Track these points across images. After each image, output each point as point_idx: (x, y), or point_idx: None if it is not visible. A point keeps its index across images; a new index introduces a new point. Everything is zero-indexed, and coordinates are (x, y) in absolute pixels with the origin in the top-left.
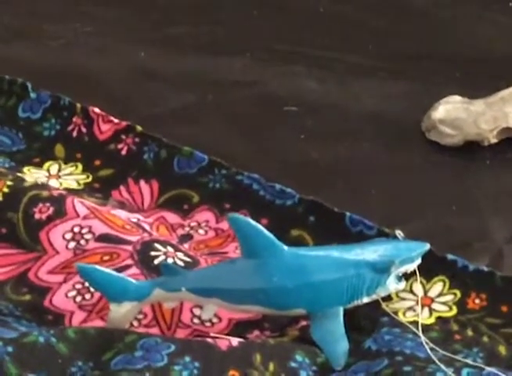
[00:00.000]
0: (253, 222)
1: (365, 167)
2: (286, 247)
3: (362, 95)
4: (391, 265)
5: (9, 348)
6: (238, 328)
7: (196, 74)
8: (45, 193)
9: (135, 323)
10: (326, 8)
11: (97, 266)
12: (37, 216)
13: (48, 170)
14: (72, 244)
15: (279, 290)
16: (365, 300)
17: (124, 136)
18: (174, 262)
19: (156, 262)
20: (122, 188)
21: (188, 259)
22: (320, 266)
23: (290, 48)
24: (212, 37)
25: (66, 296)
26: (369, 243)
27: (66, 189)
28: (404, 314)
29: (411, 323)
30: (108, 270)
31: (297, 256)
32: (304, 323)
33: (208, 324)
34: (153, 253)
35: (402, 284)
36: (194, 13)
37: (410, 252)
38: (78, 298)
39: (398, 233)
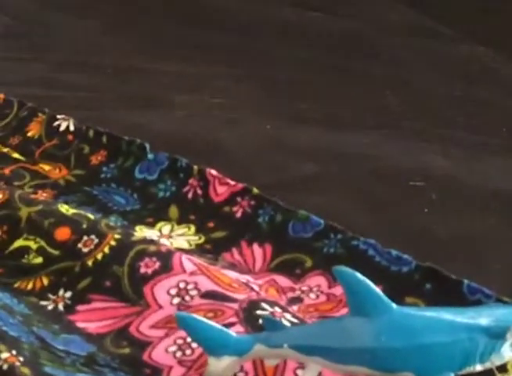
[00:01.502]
0: (361, 277)
1: (491, 242)
2: (395, 306)
3: (491, 172)
4: (507, 331)
5: None
6: None
7: (321, 147)
8: (152, 248)
9: None
10: (461, 90)
11: (197, 316)
12: (142, 270)
13: (159, 230)
14: (176, 300)
15: (387, 350)
16: (479, 368)
17: (239, 199)
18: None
19: (261, 321)
20: (234, 250)
21: (295, 321)
22: (431, 328)
23: (420, 126)
24: (340, 114)
25: (167, 351)
26: (484, 307)
27: (176, 248)
28: None
29: None
30: (208, 321)
31: (406, 316)
32: None
33: None
34: (259, 312)
35: None
36: (321, 88)
37: None
38: (178, 354)
39: None
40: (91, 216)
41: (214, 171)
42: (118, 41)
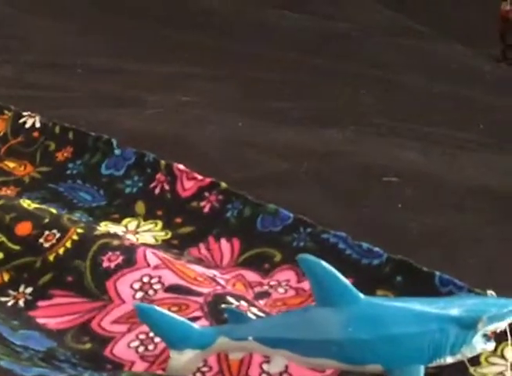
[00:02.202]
0: (327, 265)
1: (465, 238)
2: (363, 296)
3: (467, 168)
4: (478, 322)
5: None
6: None
7: (294, 144)
8: (115, 242)
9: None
10: (439, 88)
11: (157, 307)
12: (105, 264)
13: (126, 226)
14: (140, 294)
15: (354, 342)
16: (449, 359)
17: (207, 193)
18: None
19: (226, 315)
20: (201, 245)
21: (262, 315)
22: (400, 318)
23: (396, 123)
24: (315, 112)
25: (129, 346)
26: (455, 297)
27: (142, 244)
28: None
29: None
30: (169, 313)
31: (374, 306)
32: None
33: None
34: (224, 306)
35: (491, 345)
36: (298, 88)
37: (501, 309)
38: (141, 349)
39: (491, 293)
40: (54, 211)
41: (181, 166)
42: (93, 42)
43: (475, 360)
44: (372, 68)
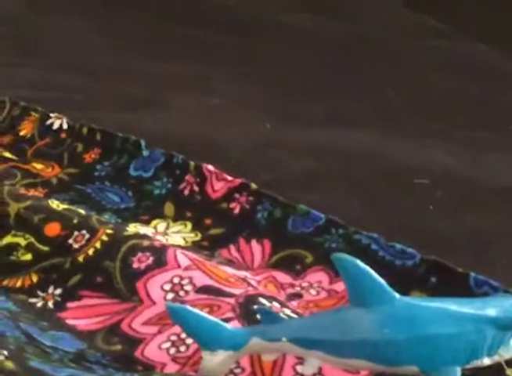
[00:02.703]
0: (362, 265)
1: (497, 238)
2: (398, 296)
3: (497, 169)
4: None
5: None
6: None
7: (322, 145)
8: (145, 243)
9: None
10: (463, 88)
11: (189, 307)
12: (135, 265)
13: (155, 227)
14: (170, 295)
15: (390, 342)
16: (486, 361)
17: (237, 195)
18: None
19: (259, 316)
20: (232, 247)
21: (294, 316)
22: (436, 319)
23: (422, 123)
24: (341, 112)
25: (160, 348)
26: (491, 298)
27: (172, 245)
28: None
29: None
30: (201, 313)
31: (410, 306)
32: None
33: None
34: (256, 307)
35: None
36: (324, 89)
37: None
38: (172, 350)
39: None
40: (83, 211)
41: (211, 167)
42: (111, 42)
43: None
44: (398, 69)
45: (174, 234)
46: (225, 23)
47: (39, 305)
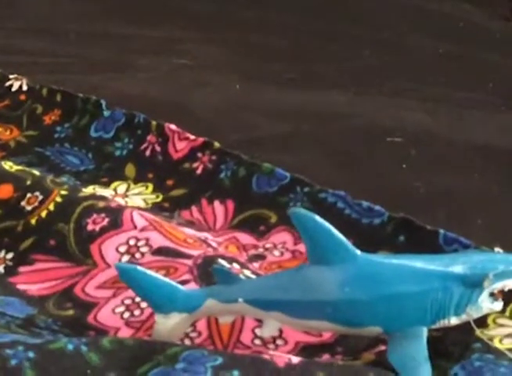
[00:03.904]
0: (321, 220)
1: (472, 198)
2: (360, 253)
3: (474, 127)
4: (485, 279)
5: (30, 354)
6: (306, 352)
7: (294, 107)
8: (101, 204)
9: (187, 342)
10: (445, 48)
11: (141, 268)
12: (89, 227)
13: (115, 189)
14: (126, 258)
15: (351, 302)
16: (454, 320)
17: (200, 154)
18: None
19: (215, 276)
20: (194, 208)
21: (255, 277)
22: (400, 277)
23: (400, 84)
24: (316, 74)
25: (114, 312)
26: (459, 254)
27: (130, 206)
28: (500, 341)
29: (509, 350)
30: (154, 274)
31: (373, 264)
32: (383, 347)
33: (272, 346)
34: (212, 267)
35: (499, 305)
36: (298, 51)
37: (509, 265)
38: (126, 315)
39: (498, 250)
40: (37, 173)
41: (173, 126)
42: (82, 7)
43: (482, 321)
44: (375, 30)
45: (135, 196)
46: None
47: None
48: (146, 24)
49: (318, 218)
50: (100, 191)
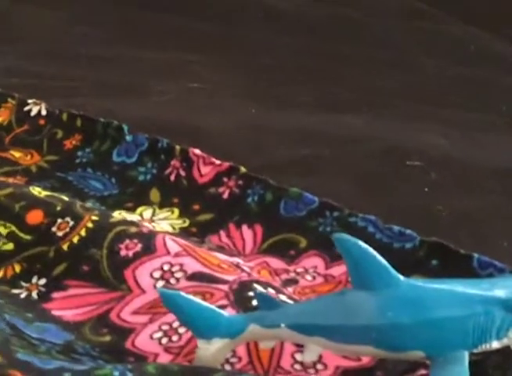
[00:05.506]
0: (364, 246)
1: (494, 220)
2: (402, 278)
3: (491, 150)
4: None
5: None
6: None
7: (312, 129)
8: (133, 229)
9: (227, 367)
10: (456, 70)
11: (183, 293)
12: (123, 253)
13: (140, 214)
14: (161, 283)
15: (394, 327)
16: (495, 344)
17: (226, 179)
18: None
19: (254, 302)
20: (222, 233)
21: (291, 302)
22: (442, 301)
23: (416, 107)
24: (332, 96)
25: (151, 338)
26: (498, 278)
27: (160, 231)
28: None
29: None
30: (196, 299)
31: (415, 288)
32: (423, 371)
33: (311, 371)
34: (251, 293)
35: None
36: (311, 73)
37: None
38: (164, 340)
39: None
40: (66, 198)
41: (197, 151)
42: (90, 30)
43: None
44: (386, 52)
45: (161, 221)
46: (203, 8)
47: (22, 296)
48: (155, 47)
49: (361, 243)
50: (127, 216)
